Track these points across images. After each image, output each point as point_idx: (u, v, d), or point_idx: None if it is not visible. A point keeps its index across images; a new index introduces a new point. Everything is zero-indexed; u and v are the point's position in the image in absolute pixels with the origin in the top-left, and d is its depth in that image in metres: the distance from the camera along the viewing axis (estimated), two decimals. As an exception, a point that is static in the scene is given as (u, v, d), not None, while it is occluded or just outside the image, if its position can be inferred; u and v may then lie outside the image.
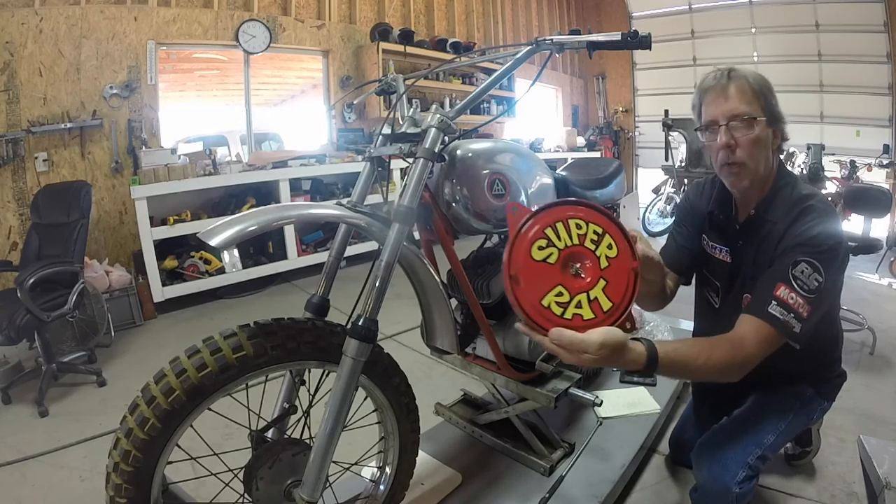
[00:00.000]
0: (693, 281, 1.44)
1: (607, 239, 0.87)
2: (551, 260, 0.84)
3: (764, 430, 1.18)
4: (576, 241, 0.86)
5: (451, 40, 5.55)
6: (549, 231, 0.85)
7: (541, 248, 0.84)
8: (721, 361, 0.93)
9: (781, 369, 1.17)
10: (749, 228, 1.20)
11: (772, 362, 0.99)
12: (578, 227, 0.87)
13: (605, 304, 0.84)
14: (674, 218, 1.47)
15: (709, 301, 1.37)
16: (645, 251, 0.93)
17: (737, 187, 1.18)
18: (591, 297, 0.84)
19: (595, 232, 0.87)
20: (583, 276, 0.85)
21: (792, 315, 0.98)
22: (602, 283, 0.85)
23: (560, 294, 0.82)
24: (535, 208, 0.89)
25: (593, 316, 0.83)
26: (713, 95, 1.13)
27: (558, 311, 0.82)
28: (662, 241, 1.53)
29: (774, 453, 1.23)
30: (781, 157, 1.20)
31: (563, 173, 1.67)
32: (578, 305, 0.83)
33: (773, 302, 0.99)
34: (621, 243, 0.88)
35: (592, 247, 0.86)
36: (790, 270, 1.01)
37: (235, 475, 1.02)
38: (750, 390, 1.30)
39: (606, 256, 0.86)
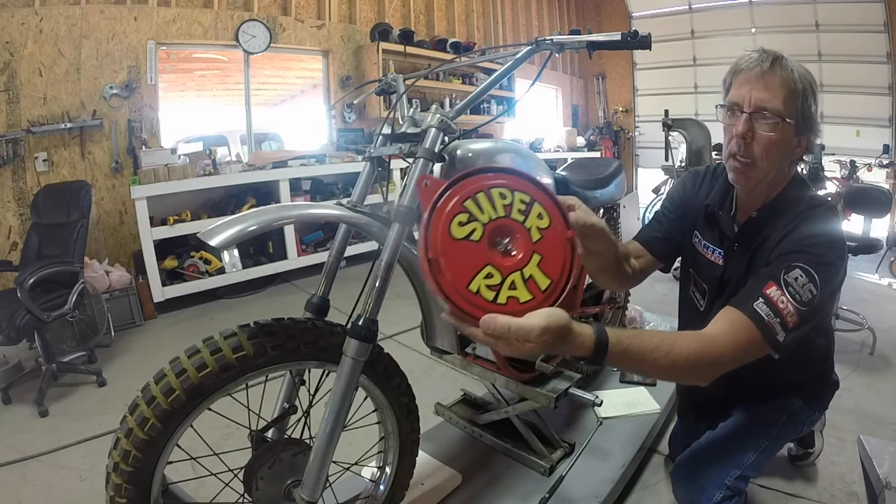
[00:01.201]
0: (677, 274, 1.37)
1: (537, 208, 0.76)
2: (475, 237, 0.72)
3: (744, 449, 1.13)
4: (501, 212, 0.74)
5: (451, 40, 5.55)
6: (469, 204, 0.73)
7: (461, 223, 0.72)
8: (685, 357, 0.80)
9: (769, 380, 1.12)
10: (747, 232, 1.11)
11: (759, 372, 0.91)
12: (503, 196, 0.75)
13: (543, 282, 0.73)
14: (664, 200, 1.34)
15: (693, 302, 1.30)
16: (584, 218, 0.83)
17: (738, 184, 1.08)
18: (526, 276, 0.72)
19: (522, 201, 0.76)
20: (513, 252, 0.74)
21: (778, 320, 0.87)
22: (536, 258, 0.74)
23: (490, 276, 0.71)
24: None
25: (531, 297, 0.72)
26: (748, 77, 0.99)
27: (490, 295, 0.70)
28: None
29: (759, 471, 1.18)
30: (800, 167, 1.09)
31: (563, 173, 1.67)
32: (513, 287, 0.71)
33: (761, 299, 0.89)
34: (552, 212, 0.77)
35: (521, 218, 0.75)
36: (783, 274, 0.91)
37: (235, 475, 1.02)
38: (737, 398, 1.24)
39: (538, 228, 0.75)
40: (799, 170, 1.13)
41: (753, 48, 1.03)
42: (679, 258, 1.34)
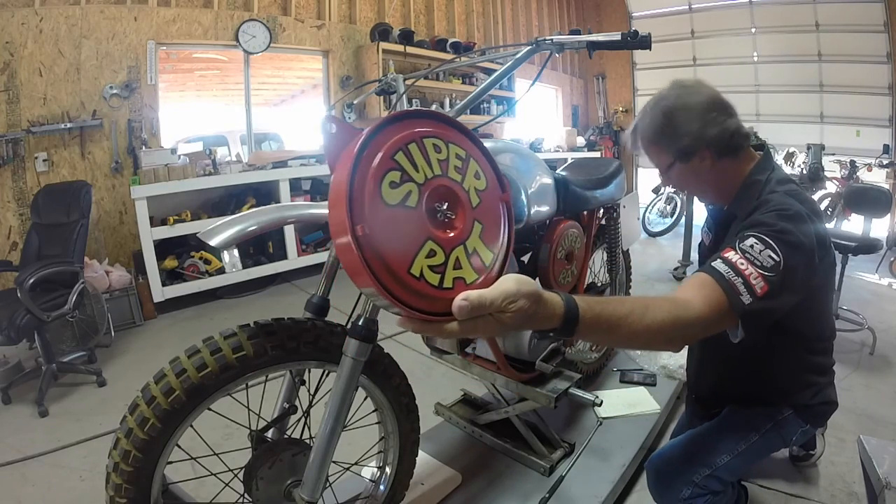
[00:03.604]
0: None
1: (473, 165, 0.63)
2: (411, 202, 0.56)
3: (718, 451, 1.14)
4: (437, 170, 0.59)
5: (451, 40, 5.55)
6: (400, 157, 0.56)
7: (393, 184, 0.55)
8: (661, 321, 0.74)
9: (764, 385, 1.15)
10: (725, 220, 1.23)
11: (756, 377, 0.90)
12: (437, 149, 0.60)
13: (487, 257, 0.60)
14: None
15: None
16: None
17: (706, 203, 1.29)
18: (470, 250, 0.59)
19: (458, 156, 0.62)
20: (454, 221, 0.59)
21: (741, 280, 0.84)
22: (478, 227, 0.60)
23: (432, 253, 0.55)
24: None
25: (477, 277, 0.58)
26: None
27: (434, 279, 0.54)
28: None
29: (734, 474, 1.18)
30: (758, 154, 1.15)
31: (563, 173, 1.67)
32: (457, 265, 0.57)
33: (719, 259, 0.88)
34: (487, 170, 0.65)
35: (458, 178, 0.61)
36: (738, 244, 0.91)
37: (235, 475, 1.02)
38: (729, 400, 1.25)
39: (476, 190, 0.62)
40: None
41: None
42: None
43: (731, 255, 0.89)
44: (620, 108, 8.46)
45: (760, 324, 0.85)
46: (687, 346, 1.32)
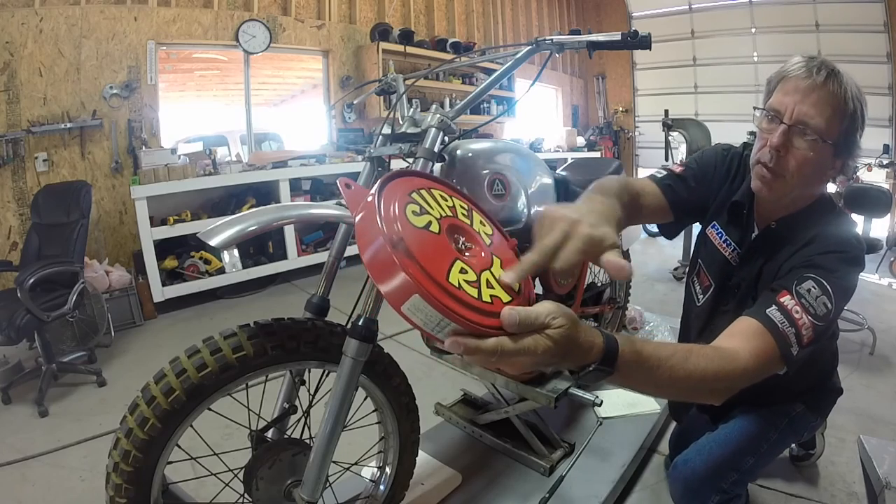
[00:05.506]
0: (677, 274, 1.35)
1: (477, 215, 0.69)
2: (434, 229, 0.60)
3: (743, 453, 1.12)
4: (447, 212, 0.65)
5: (451, 40, 5.55)
6: (416, 196, 0.63)
7: (415, 213, 0.60)
8: (703, 371, 0.70)
9: (777, 386, 1.08)
10: (763, 240, 1.07)
11: (768, 378, 0.84)
12: (444, 198, 0.67)
13: (514, 284, 0.63)
14: (690, 162, 1.22)
15: (692, 293, 1.26)
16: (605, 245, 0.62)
17: (760, 193, 1.02)
18: (497, 276, 0.61)
19: (462, 206, 0.68)
20: (474, 250, 0.64)
21: (793, 331, 0.81)
22: (497, 260, 0.64)
23: (464, 271, 0.57)
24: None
25: (510, 298, 0.60)
26: (796, 86, 0.92)
27: (473, 292, 0.56)
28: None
29: (756, 474, 1.17)
30: (832, 188, 1.08)
31: (563, 173, 1.67)
32: (490, 286, 0.59)
33: (774, 306, 0.84)
34: (488, 221, 0.71)
35: (467, 221, 0.66)
36: (795, 286, 0.86)
37: (235, 475, 1.02)
38: (740, 400, 1.18)
39: (485, 233, 0.67)
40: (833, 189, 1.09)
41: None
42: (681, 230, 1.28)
43: (788, 300, 0.85)
44: (620, 108, 8.46)
45: (798, 365, 0.85)
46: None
